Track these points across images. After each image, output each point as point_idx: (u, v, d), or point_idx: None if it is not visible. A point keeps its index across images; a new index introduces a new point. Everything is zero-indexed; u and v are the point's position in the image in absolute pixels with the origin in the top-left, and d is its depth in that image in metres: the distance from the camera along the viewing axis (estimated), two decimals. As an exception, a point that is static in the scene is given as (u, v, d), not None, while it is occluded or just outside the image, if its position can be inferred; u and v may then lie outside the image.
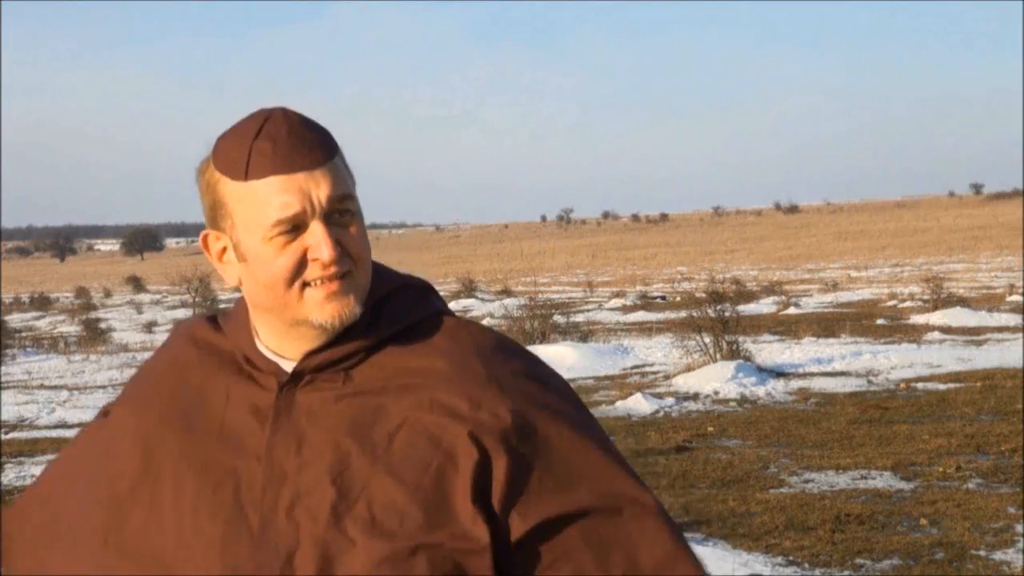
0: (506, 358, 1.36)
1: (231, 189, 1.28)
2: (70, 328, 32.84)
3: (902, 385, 13.37)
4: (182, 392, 1.37)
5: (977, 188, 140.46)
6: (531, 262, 77.81)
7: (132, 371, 18.33)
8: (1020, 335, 18.08)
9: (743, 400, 12.83)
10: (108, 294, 59.21)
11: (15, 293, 58.97)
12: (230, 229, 1.29)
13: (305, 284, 1.26)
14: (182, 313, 38.39)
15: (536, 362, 1.40)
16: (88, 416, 13.06)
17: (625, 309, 30.31)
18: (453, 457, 1.25)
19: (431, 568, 1.21)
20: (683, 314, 17.53)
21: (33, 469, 9.67)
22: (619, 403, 12.56)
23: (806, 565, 6.34)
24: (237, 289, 1.34)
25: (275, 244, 1.25)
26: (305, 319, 1.28)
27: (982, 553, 6.43)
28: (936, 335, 18.82)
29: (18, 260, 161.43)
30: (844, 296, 32.66)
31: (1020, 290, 27.91)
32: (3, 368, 19.30)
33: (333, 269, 1.25)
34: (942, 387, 13.07)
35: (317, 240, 1.24)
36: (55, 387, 16.25)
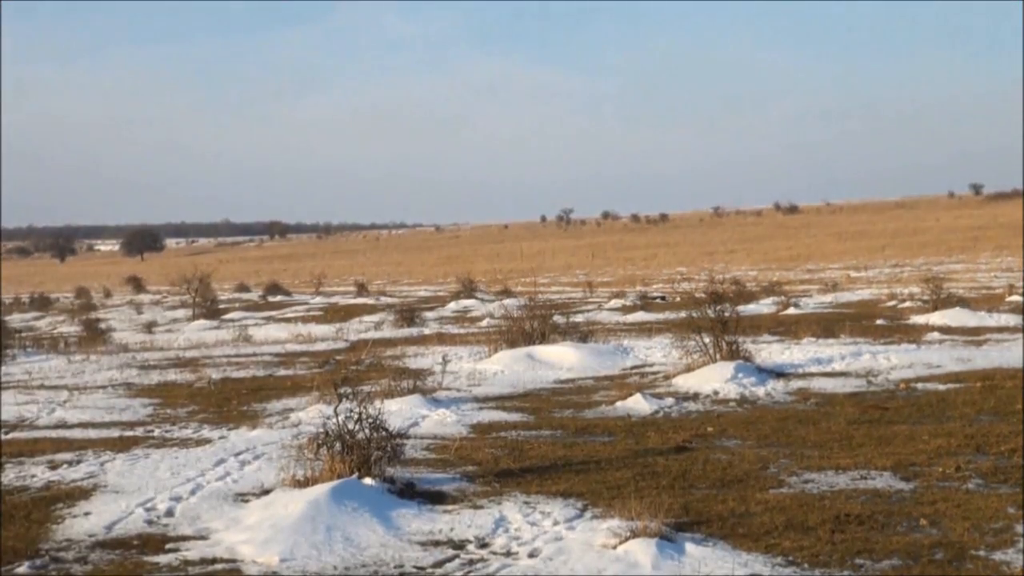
0: None
1: None
2: (70, 328, 32.84)
3: (902, 385, 13.36)
4: None
5: (977, 188, 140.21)
6: (531, 262, 77.75)
7: (132, 371, 18.38)
8: (1020, 335, 18.09)
9: (743, 400, 12.82)
10: (108, 294, 59.21)
11: (15, 293, 58.91)
12: None
13: None
14: (182, 313, 38.36)
15: None
16: (88, 416, 13.05)
17: (625, 309, 30.29)
18: None
19: None
20: (683, 314, 17.52)
21: (33, 469, 9.67)
22: (619, 403, 12.57)
23: (806, 565, 6.34)
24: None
25: None
26: None
27: (982, 553, 6.43)
28: (936, 335, 18.82)
29: (18, 260, 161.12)
30: (844, 296, 32.65)
31: (1020, 290, 27.91)
32: (3, 368, 19.29)
33: None
34: (942, 387, 13.06)
35: None
36: (55, 387, 16.23)
